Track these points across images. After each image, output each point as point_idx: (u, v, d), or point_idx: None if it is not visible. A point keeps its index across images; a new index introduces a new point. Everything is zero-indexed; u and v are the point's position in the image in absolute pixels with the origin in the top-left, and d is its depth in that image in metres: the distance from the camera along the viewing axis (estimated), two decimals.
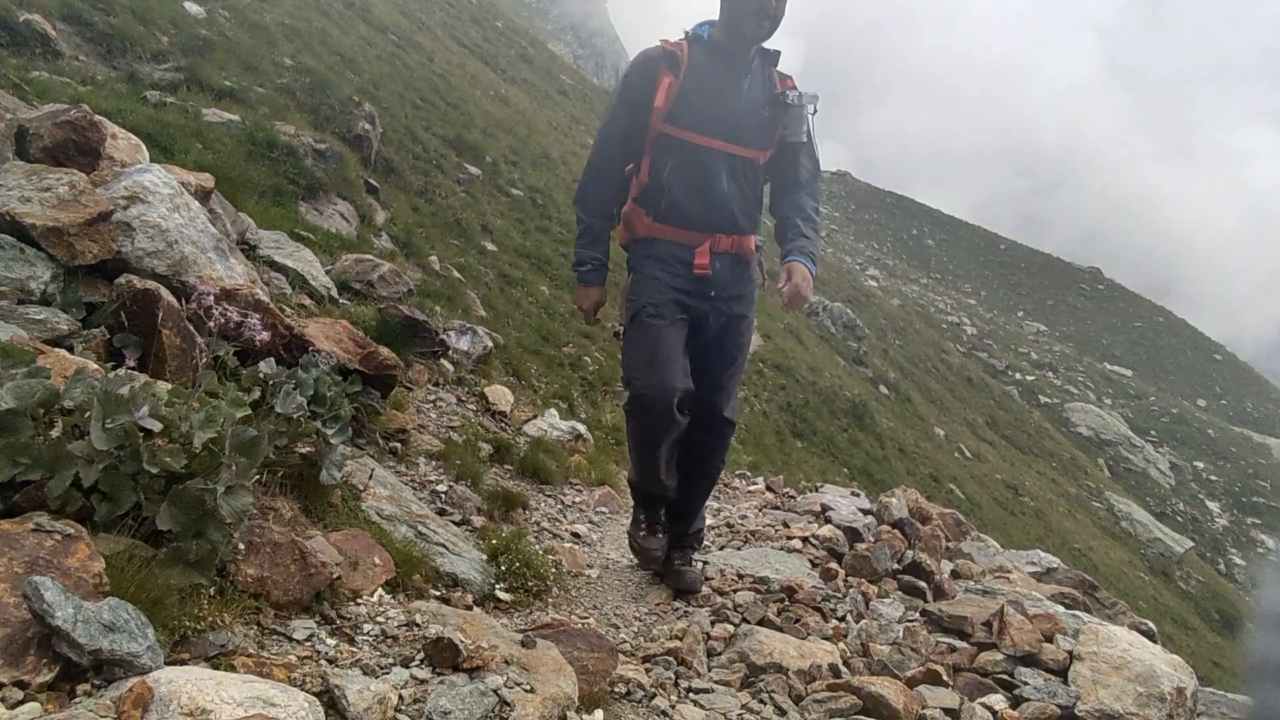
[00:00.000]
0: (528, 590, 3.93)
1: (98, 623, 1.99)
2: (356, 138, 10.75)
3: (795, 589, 4.44)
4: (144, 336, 3.34)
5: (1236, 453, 51.66)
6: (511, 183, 16.38)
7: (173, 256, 3.93)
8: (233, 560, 2.62)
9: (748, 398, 17.35)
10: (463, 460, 5.21)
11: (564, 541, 5.04)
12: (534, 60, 39.25)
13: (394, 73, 16.35)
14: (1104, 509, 36.26)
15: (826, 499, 6.28)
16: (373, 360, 4.62)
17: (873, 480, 17.59)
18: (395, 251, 9.09)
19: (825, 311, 32.86)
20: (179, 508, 2.41)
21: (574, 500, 5.99)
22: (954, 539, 6.32)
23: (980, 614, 4.21)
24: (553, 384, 9.20)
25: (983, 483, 26.39)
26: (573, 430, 7.21)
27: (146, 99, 7.79)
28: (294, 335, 4.15)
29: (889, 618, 4.40)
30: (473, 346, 7.38)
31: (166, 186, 4.14)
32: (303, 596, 2.75)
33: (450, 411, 6.08)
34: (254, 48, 11.10)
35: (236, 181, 6.82)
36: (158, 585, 2.27)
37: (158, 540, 2.43)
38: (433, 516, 4.15)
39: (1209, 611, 31.17)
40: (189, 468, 2.47)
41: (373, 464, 4.25)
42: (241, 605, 2.56)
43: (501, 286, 11.50)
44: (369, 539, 3.31)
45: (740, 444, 12.95)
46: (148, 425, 2.40)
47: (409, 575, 3.39)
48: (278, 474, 3.23)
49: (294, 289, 5.69)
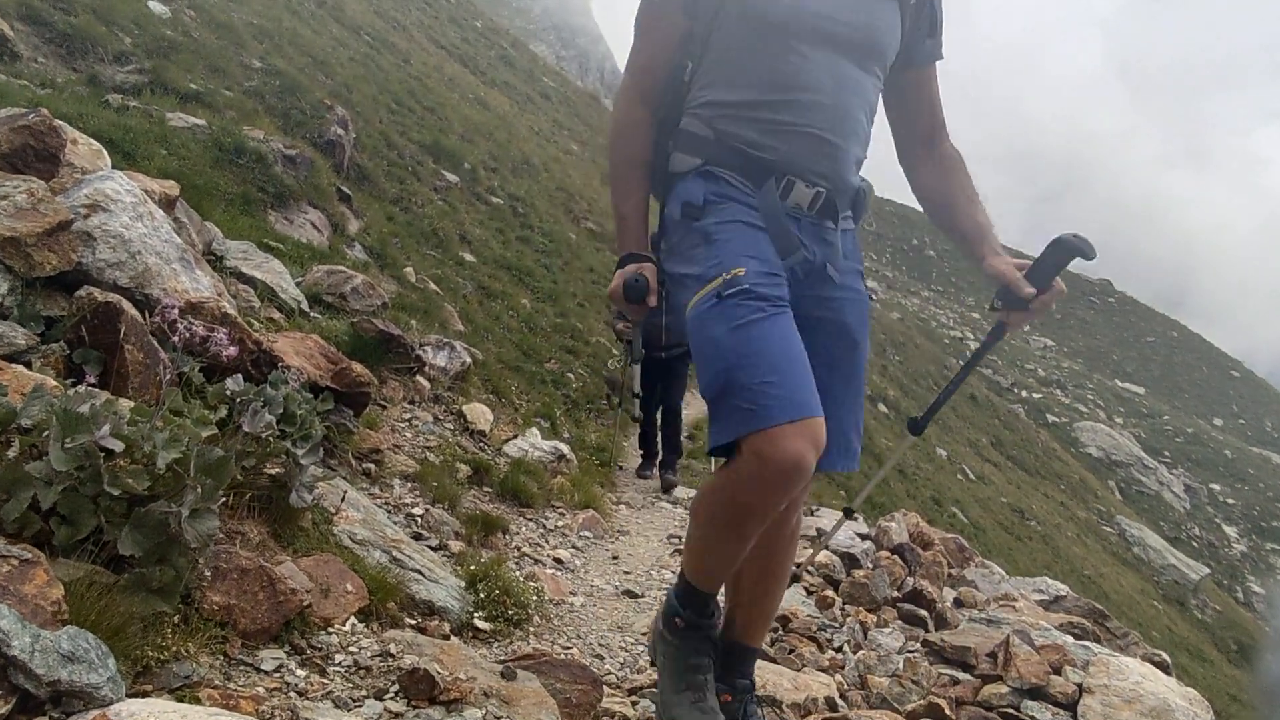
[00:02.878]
0: (508, 619, 3.94)
1: (56, 653, 1.99)
2: (328, 143, 10.77)
3: (789, 618, 4.46)
4: (105, 352, 3.34)
5: (1255, 475, 51.88)
6: (491, 190, 16.41)
7: (136, 268, 3.94)
8: (198, 587, 2.62)
9: None
10: (440, 482, 5.22)
11: (546, 568, 5.05)
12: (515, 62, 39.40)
13: (368, 75, 16.38)
14: (1115, 534, 36.38)
15: (822, 523, 6.31)
16: (345, 377, 4.64)
17: (871, 503, 17.60)
18: (369, 263, 9.10)
19: None
20: (142, 532, 2.42)
21: (556, 524, 6.01)
22: (957, 565, 6.34)
23: (984, 644, 4.23)
24: (534, 402, 9.22)
25: (987, 506, 26.45)
26: (555, 451, 7.22)
27: (109, 103, 7.80)
28: (263, 351, 4.16)
29: (888, 648, 4.42)
30: (450, 362, 7.40)
31: (129, 194, 4.15)
32: (271, 625, 2.76)
33: (426, 431, 6.09)
34: (221, 49, 11.12)
35: (202, 189, 6.83)
36: (119, 613, 2.28)
37: (119, 566, 2.44)
38: (408, 541, 4.16)
39: (1226, 642, 31.26)
40: (152, 490, 2.47)
41: (345, 486, 4.26)
42: (207, 634, 2.57)
43: (481, 299, 11.52)
44: (341, 565, 3.32)
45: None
46: (109, 445, 2.41)
47: (383, 603, 3.40)
48: (245, 496, 3.24)
49: (263, 302, 5.70)
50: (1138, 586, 30.42)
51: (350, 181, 10.91)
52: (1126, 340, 74.96)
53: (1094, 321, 76.46)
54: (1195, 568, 36.41)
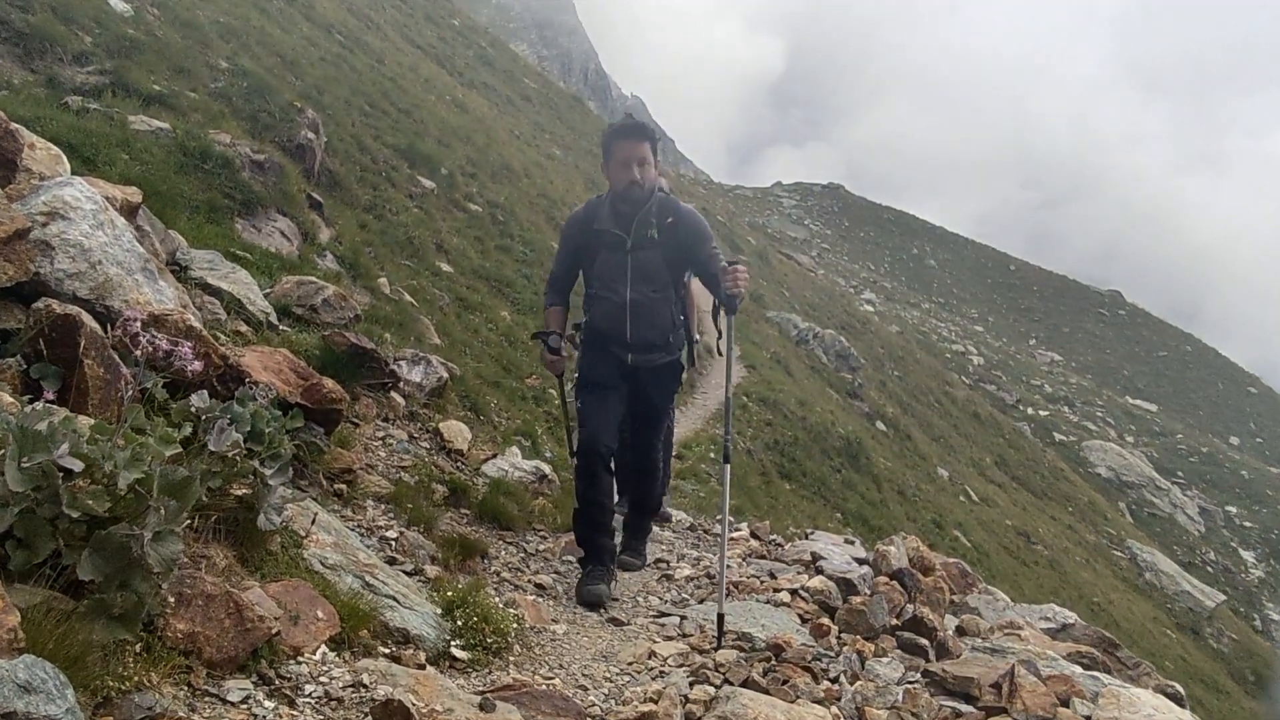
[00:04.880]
0: (486, 648, 3.95)
1: (12, 682, 2.00)
2: (298, 148, 10.78)
3: (783, 647, 4.47)
4: (64, 367, 3.35)
5: (1273, 496, 51.98)
6: (469, 197, 16.43)
7: (96, 278, 3.94)
8: (161, 614, 2.63)
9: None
10: (415, 504, 5.23)
11: (526, 594, 5.05)
12: (494, 62, 39.48)
13: (340, 76, 16.41)
14: (1126, 558, 36.45)
15: (817, 547, 6.32)
16: (316, 393, 4.64)
17: (869, 526, 17.65)
18: (341, 273, 9.11)
19: (816, 340, 33.01)
20: (102, 556, 2.42)
21: (538, 548, 6.01)
22: (959, 591, 6.36)
23: (988, 675, 4.24)
24: (514, 419, 9.22)
25: (991, 529, 26.50)
26: (536, 471, 7.23)
27: (68, 105, 7.81)
28: (229, 365, 4.17)
29: (887, 679, 4.43)
30: (426, 378, 7.40)
31: (90, 201, 4.16)
32: (238, 654, 2.76)
33: (401, 450, 6.10)
34: (186, 48, 11.13)
35: (166, 196, 6.83)
36: (78, 641, 2.28)
37: (79, 591, 2.44)
38: (382, 566, 4.17)
39: (1242, 672, 31.34)
40: (113, 511, 2.48)
41: (316, 508, 4.27)
42: (170, 664, 2.57)
43: (458, 312, 11.53)
44: (311, 591, 3.32)
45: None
46: (68, 465, 2.41)
47: (355, 630, 3.40)
48: (211, 519, 3.24)
49: (229, 314, 5.70)
50: (1150, 614, 30.49)
51: (321, 188, 10.93)
52: (1138, 355, 75.14)
53: (1103, 335, 76.63)
54: (1210, 594, 36.50)
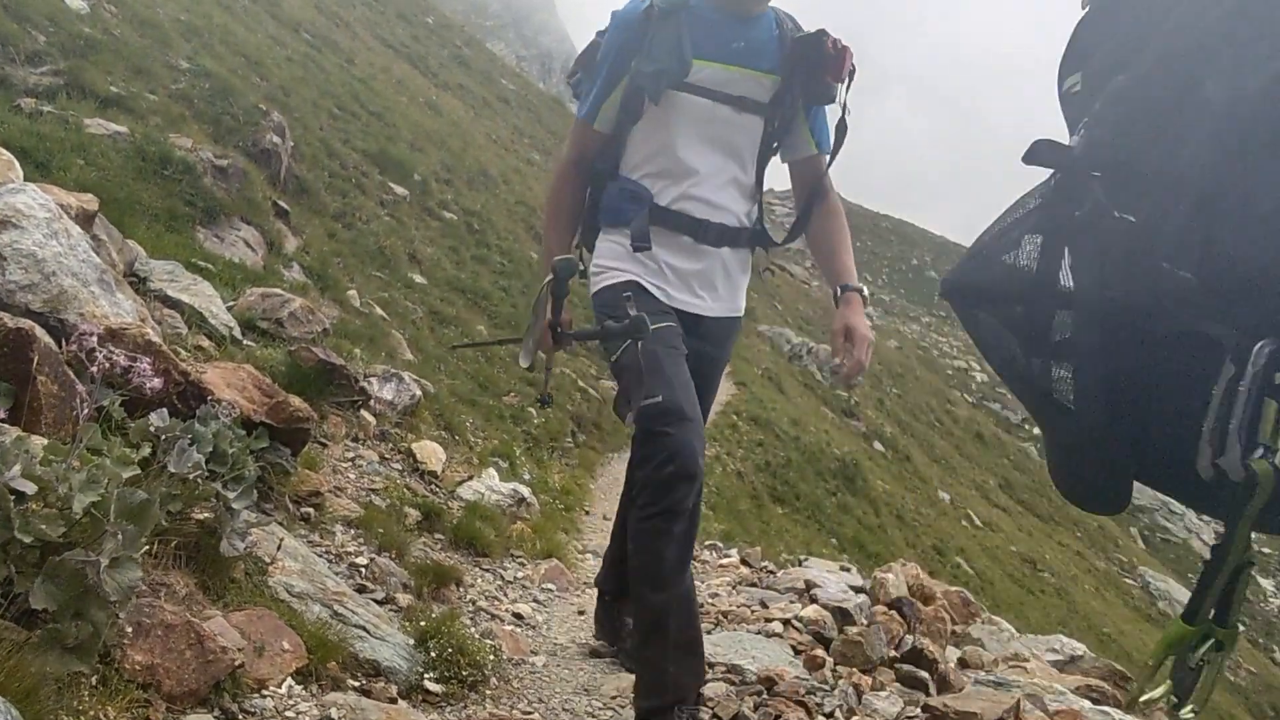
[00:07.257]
0: (462, 680, 3.95)
1: None
2: (263, 152, 10.80)
3: (775, 680, 4.48)
4: (15, 384, 3.35)
5: None
6: (444, 204, 16.46)
7: (50, 290, 3.95)
8: (118, 645, 2.63)
9: (719, 456, 17.41)
10: (386, 528, 5.22)
11: (504, 623, 5.05)
12: (470, 62, 39.58)
13: (307, 77, 16.45)
14: (1138, 586, 36.55)
15: (811, 574, 6.34)
16: (282, 411, 4.64)
17: (866, 552, 17.67)
18: (308, 285, 9.12)
19: (810, 355, 33.08)
20: (56, 583, 2.42)
21: (516, 575, 6.01)
22: (961, 622, 6.37)
23: (992, 710, 4.26)
24: (491, 439, 9.23)
25: (995, 556, 26.56)
26: (515, 494, 7.23)
27: (20, 108, 7.81)
28: (190, 382, 4.17)
29: (885, 714, 4.44)
30: (398, 396, 7.41)
31: (43, 209, 4.17)
32: (199, 687, 2.76)
33: (372, 471, 6.10)
34: (145, 48, 11.14)
35: (124, 203, 6.84)
36: (31, 674, 2.28)
37: (31, 621, 2.44)
38: (351, 594, 4.17)
39: (1261, 707, 31.39)
40: (68, 536, 2.48)
41: (281, 533, 4.26)
42: (128, 697, 2.57)
43: (432, 325, 11.55)
44: (277, 620, 3.32)
45: (711, 510, 12.98)
46: (20, 487, 2.42)
47: (323, 662, 3.40)
48: (171, 544, 3.24)
49: (190, 328, 5.70)
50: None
51: (288, 195, 10.94)
52: None
53: None
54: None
